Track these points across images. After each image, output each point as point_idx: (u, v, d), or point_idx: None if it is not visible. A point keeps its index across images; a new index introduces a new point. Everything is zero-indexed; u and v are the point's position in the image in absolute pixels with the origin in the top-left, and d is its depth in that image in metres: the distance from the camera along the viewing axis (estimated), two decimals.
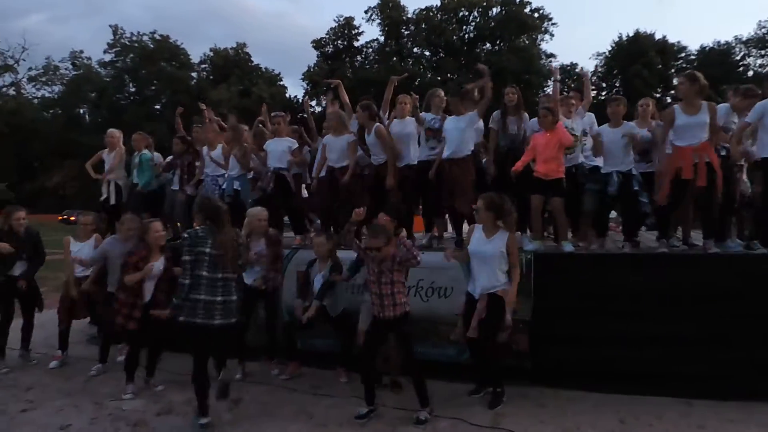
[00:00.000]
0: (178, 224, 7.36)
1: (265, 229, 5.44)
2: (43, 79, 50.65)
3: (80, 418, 4.34)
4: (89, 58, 51.97)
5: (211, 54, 53.43)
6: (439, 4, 49.22)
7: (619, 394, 4.64)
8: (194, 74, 52.98)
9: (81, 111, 51.95)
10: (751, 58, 40.20)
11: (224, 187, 6.63)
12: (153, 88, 50.69)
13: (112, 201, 7.23)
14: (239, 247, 4.38)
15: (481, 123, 6.06)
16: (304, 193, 7.19)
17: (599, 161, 5.87)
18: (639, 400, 4.56)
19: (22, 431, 4.15)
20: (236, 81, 49.70)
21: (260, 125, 7.33)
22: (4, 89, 48.85)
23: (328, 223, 6.45)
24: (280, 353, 5.50)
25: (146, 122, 40.41)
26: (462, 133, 5.61)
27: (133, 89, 51.45)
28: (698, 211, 5.44)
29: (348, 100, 6.90)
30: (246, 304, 4.83)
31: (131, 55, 50.81)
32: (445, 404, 4.45)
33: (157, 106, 50.23)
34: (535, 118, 5.78)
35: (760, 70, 38.70)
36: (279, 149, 6.50)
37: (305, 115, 7.75)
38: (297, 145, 6.64)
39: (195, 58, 53.65)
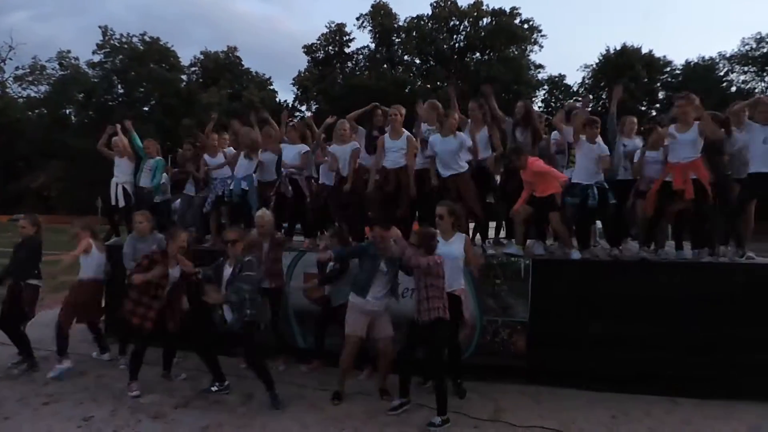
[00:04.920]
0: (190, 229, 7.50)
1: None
2: (30, 78, 50.20)
3: (101, 411, 4.52)
4: (77, 59, 51.52)
5: (202, 57, 53.37)
6: (430, 12, 49.77)
7: (610, 392, 4.96)
8: (184, 77, 52.77)
9: (67, 111, 51.34)
10: (734, 74, 41.11)
11: (232, 188, 6.76)
12: (142, 89, 50.28)
13: (122, 204, 7.37)
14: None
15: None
16: None
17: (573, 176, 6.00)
18: (628, 398, 4.89)
19: (47, 422, 4.31)
20: (226, 84, 49.69)
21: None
22: None
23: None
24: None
25: (135, 124, 40.12)
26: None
27: (121, 91, 50.94)
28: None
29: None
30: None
31: (120, 57, 50.34)
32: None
33: (146, 108, 49.91)
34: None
35: (742, 86, 39.61)
36: (291, 155, 6.80)
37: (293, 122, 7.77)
38: (308, 149, 6.87)
39: (185, 61, 53.52)
